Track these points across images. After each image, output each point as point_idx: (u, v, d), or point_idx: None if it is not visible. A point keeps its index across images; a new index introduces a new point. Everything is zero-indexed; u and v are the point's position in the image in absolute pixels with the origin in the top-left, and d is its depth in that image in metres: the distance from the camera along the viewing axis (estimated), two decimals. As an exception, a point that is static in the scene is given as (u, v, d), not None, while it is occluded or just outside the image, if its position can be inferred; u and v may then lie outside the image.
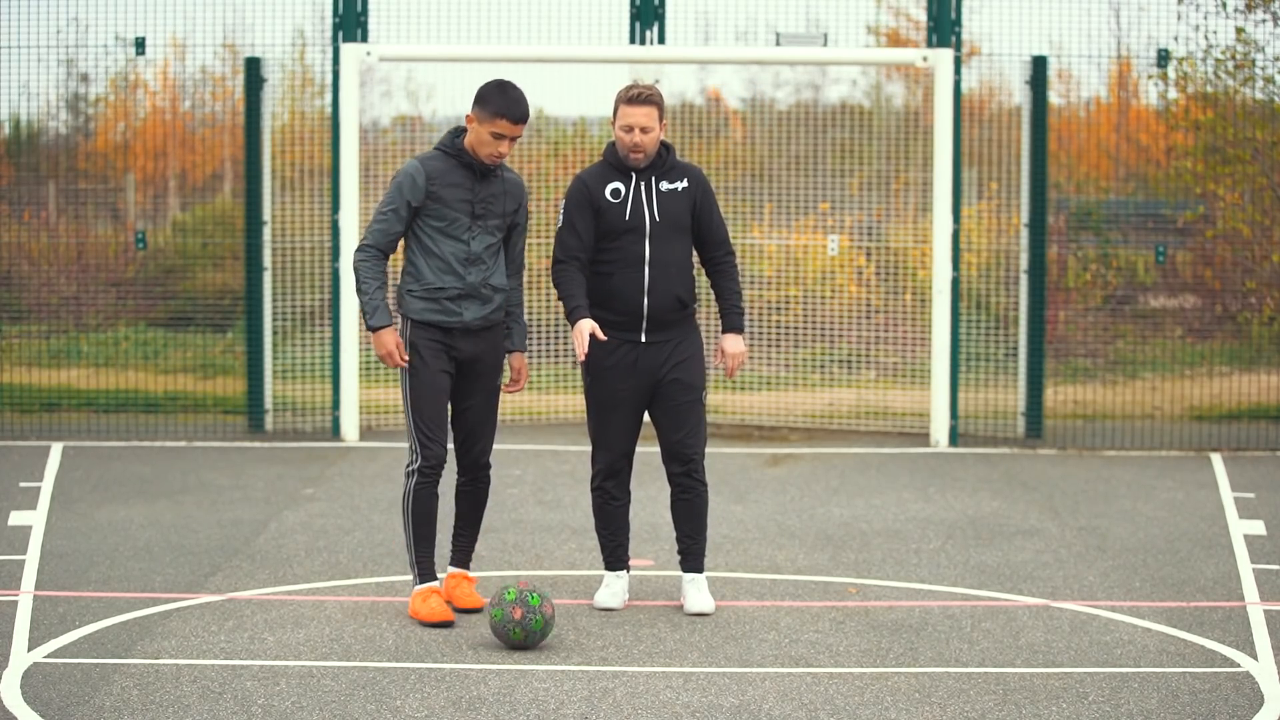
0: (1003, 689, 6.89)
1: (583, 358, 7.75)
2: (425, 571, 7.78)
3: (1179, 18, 13.50)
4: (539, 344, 13.82)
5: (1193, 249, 13.86)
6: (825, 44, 12.97)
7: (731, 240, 8.18)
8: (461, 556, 8.04)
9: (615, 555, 8.09)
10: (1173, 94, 13.89)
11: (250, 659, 7.20)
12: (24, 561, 8.90)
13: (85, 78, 14.50)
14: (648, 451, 9.00)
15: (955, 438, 12.97)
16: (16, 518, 9.99)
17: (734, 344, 8.01)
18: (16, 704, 6.58)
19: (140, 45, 13.12)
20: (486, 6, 13.03)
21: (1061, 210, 14.17)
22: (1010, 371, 13.25)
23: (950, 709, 6.64)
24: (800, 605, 8.17)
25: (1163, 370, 13.80)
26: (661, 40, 13.05)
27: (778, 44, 12.88)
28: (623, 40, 13.04)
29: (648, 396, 7.96)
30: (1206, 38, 13.43)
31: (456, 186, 7.70)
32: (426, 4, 13.00)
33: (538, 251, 13.83)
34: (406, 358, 7.69)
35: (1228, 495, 11.05)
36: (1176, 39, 13.47)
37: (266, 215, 13.07)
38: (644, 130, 7.82)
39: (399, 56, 13.07)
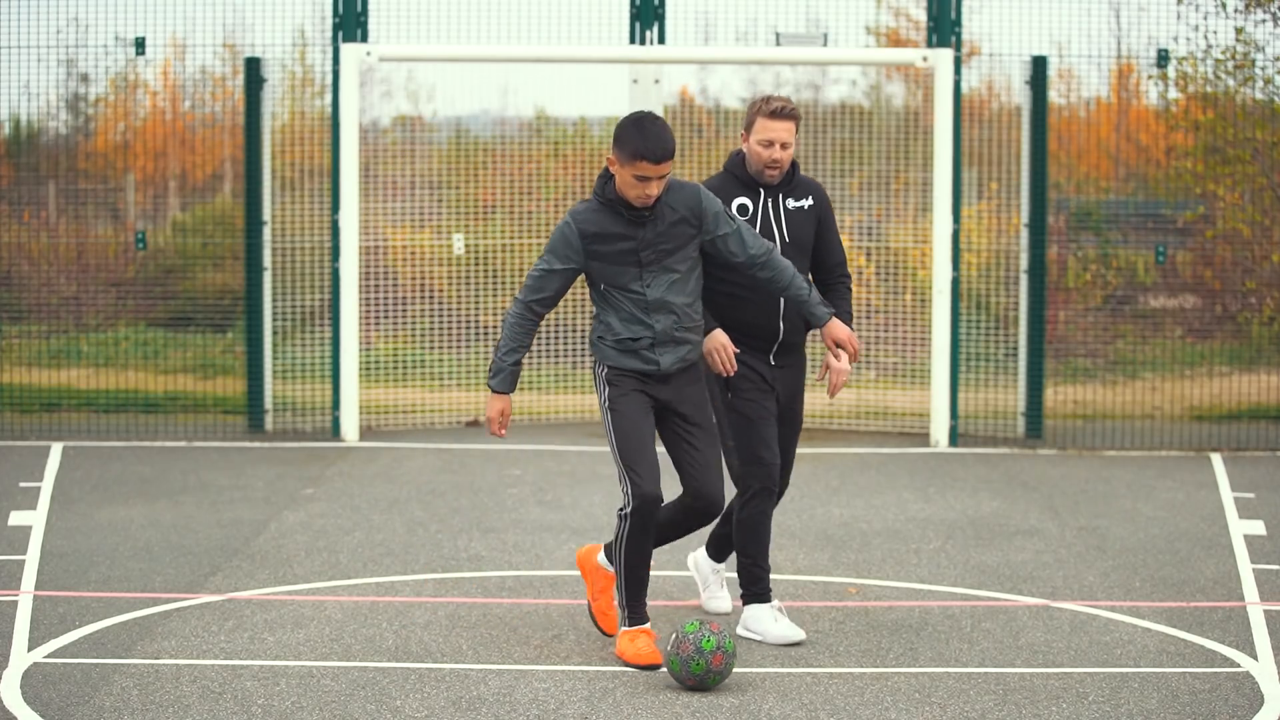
0: (1003, 689, 6.89)
1: (730, 371, 7.33)
2: (636, 614, 7.21)
3: (1179, 18, 13.50)
4: (539, 344, 13.81)
5: (1193, 249, 13.86)
6: (825, 44, 12.97)
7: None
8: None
9: (758, 584, 7.62)
10: (1173, 94, 13.89)
11: (250, 659, 7.20)
12: (24, 561, 8.90)
13: (85, 78, 14.49)
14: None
15: (955, 438, 12.97)
16: (16, 518, 9.99)
17: (842, 362, 7.56)
18: (16, 704, 6.58)
19: (140, 45, 13.11)
20: (486, 6, 13.03)
21: (1061, 210, 14.17)
22: (1010, 371, 13.25)
23: (950, 709, 6.64)
24: (800, 605, 8.17)
25: (1163, 370, 13.80)
26: (661, 40, 13.05)
27: (778, 44, 12.88)
28: (623, 40, 13.04)
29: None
30: (1206, 38, 13.44)
31: (617, 238, 7.01)
32: (426, 4, 13.00)
33: (537, 252, 13.83)
34: (504, 431, 7.23)
35: (1228, 495, 11.05)
36: (1176, 39, 13.47)
37: (266, 215, 13.06)
38: (784, 146, 7.40)
39: (399, 56, 13.07)
